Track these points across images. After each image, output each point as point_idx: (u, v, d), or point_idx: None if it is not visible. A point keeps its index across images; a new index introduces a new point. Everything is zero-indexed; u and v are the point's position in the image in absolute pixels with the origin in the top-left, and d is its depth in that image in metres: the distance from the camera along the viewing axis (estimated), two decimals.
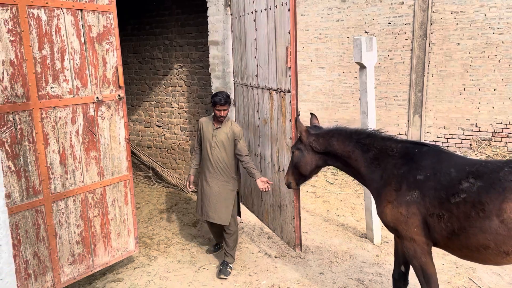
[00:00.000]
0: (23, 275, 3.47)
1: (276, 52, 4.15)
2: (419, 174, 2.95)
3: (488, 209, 2.64)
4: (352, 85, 9.57)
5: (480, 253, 2.76)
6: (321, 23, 9.72)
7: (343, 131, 3.46)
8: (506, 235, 2.60)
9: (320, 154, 3.52)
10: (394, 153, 3.13)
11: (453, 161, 2.93)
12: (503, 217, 2.59)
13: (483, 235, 2.67)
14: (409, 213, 2.94)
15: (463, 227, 2.73)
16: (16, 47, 3.27)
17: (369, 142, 3.27)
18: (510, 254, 2.66)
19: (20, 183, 3.39)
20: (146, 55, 7.13)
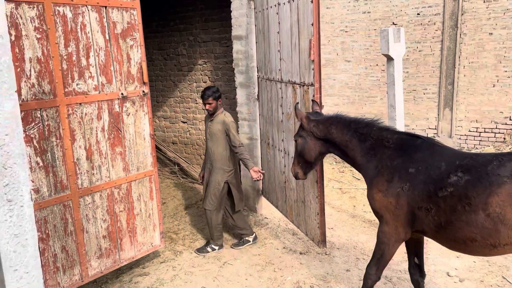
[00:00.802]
0: (51, 269, 3.55)
1: (299, 45, 4.08)
2: (411, 167, 3.00)
3: (474, 203, 2.65)
4: (379, 78, 9.37)
5: (467, 246, 2.80)
6: (347, 15, 9.54)
7: (342, 119, 3.48)
8: (492, 229, 2.62)
9: (322, 140, 3.54)
10: (389, 144, 3.18)
11: (445, 155, 2.96)
12: (489, 211, 2.61)
13: (469, 229, 2.70)
14: (398, 204, 3.02)
15: (450, 220, 2.78)
16: (42, 44, 3.33)
17: (367, 131, 3.30)
18: (497, 247, 2.68)
19: (48, 178, 3.46)
20: (171, 51, 7.17)
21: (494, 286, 4.01)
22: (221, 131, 4.69)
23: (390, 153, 3.15)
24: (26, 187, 1.98)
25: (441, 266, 4.40)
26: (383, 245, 3.19)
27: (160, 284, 4.29)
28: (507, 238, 2.61)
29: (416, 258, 3.43)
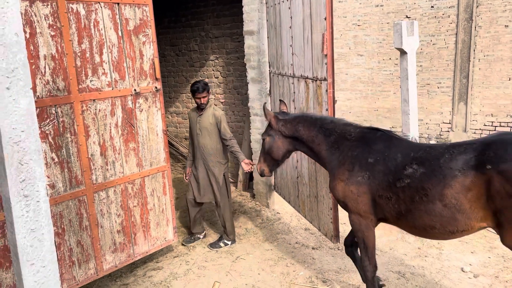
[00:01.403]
0: (67, 263, 3.61)
1: (312, 40, 4.06)
2: (371, 157, 3.15)
3: (431, 194, 2.80)
4: (392, 72, 9.27)
5: (427, 232, 2.97)
6: (359, 9, 9.45)
7: (309, 117, 3.63)
8: (450, 217, 2.78)
9: (289, 138, 3.67)
10: (351, 137, 3.34)
11: (402, 146, 3.10)
12: (445, 202, 2.76)
13: (428, 217, 2.85)
14: (359, 192, 3.17)
15: (409, 209, 2.93)
16: (56, 41, 3.37)
17: (331, 127, 3.46)
18: (456, 233, 2.85)
19: (63, 174, 3.51)
20: (183, 47, 7.19)
21: (509, 281, 3.96)
22: (213, 125, 4.70)
23: (351, 144, 3.30)
24: (42, 183, 2.01)
25: (455, 261, 4.36)
26: (359, 233, 3.34)
27: (174, 278, 4.33)
28: (465, 226, 2.78)
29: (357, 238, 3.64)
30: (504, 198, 2.60)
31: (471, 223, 2.77)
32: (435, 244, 4.65)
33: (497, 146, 2.69)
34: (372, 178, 3.10)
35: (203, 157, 4.79)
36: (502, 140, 2.74)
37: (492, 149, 2.68)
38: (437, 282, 4.00)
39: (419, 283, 4.00)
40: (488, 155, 2.67)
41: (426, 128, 8.99)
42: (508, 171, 2.57)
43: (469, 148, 2.79)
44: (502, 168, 2.59)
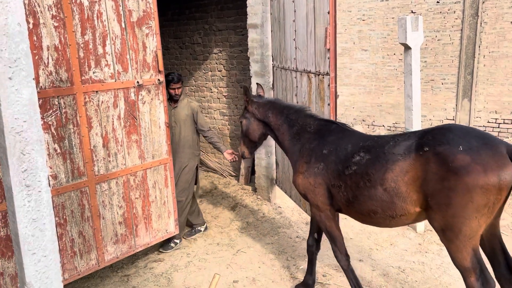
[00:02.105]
0: (69, 253, 3.63)
1: (315, 34, 4.04)
2: (325, 148, 3.28)
3: (373, 179, 2.91)
4: (396, 68, 9.23)
5: (371, 218, 3.07)
6: (364, 3, 9.40)
7: (278, 104, 3.75)
8: (389, 201, 2.87)
9: (262, 122, 3.80)
10: (311, 129, 3.47)
11: (353, 138, 3.24)
12: (386, 186, 2.85)
13: (371, 202, 2.96)
14: (316, 183, 3.29)
15: (355, 195, 3.05)
16: (60, 32, 3.37)
17: (295, 118, 3.59)
18: (395, 217, 2.94)
19: (65, 165, 3.53)
20: (186, 40, 7.18)
21: None
22: (189, 116, 4.73)
23: (309, 137, 3.45)
24: (43, 173, 2.02)
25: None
26: (322, 225, 3.45)
27: (175, 270, 4.36)
28: (402, 210, 2.87)
29: (317, 234, 3.74)
30: (438, 181, 2.65)
31: (406, 207, 2.85)
32: (436, 240, 4.65)
33: (437, 132, 2.79)
34: (326, 169, 3.24)
35: (179, 149, 4.78)
36: (443, 127, 2.85)
37: (432, 134, 2.77)
38: (437, 278, 4.01)
39: (419, 278, 4.01)
40: (427, 138, 2.75)
41: (430, 124, 8.97)
42: (443, 153, 2.63)
43: (413, 135, 2.89)
44: (438, 150, 2.65)
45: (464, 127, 2.83)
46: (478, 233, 2.65)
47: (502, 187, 2.53)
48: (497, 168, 2.51)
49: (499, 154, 2.54)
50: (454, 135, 2.67)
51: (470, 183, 2.53)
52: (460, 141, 2.61)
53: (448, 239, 2.73)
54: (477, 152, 2.55)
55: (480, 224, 2.61)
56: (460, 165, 2.55)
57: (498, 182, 2.51)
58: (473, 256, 2.68)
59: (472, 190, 2.53)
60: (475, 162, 2.53)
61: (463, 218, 2.60)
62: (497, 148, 2.56)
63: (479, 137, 2.63)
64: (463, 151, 2.57)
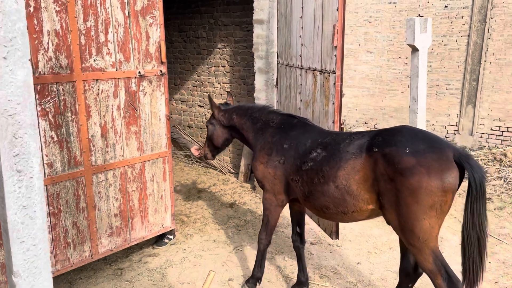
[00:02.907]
0: (62, 244, 3.56)
1: (322, 31, 3.97)
2: (286, 143, 3.40)
3: (327, 175, 3.00)
4: (401, 71, 9.16)
5: (325, 213, 3.17)
6: (372, 5, 9.32)
7: (243, 107, 3.94)
8: (341, 198, 2.96)
9: (227, 128, 3.99)
10: (273, 124, 3.62)
11: (313, 133, 3.33)
12: (337, 183, 2.94)
13: (324, 198, 3.06)
14: (275, 175, 3.42)
15: (310, 191, 3.15)
16: (61, 17, 3.29)
17: (258, 115, 3.75)
18: (347, 213, 3.01)
19: (62, 153, 3.45)
20: (191, 33, 7.10)
21: None
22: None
23: (272, 131, 3.58)
24: (36, 159, 1.95)
25: (455, 265, 4.27)
26: (266, 211, 3.59)
27: (169, 265, 4.28)
28: (353, 207, 2.94)
29: (298, 228, 3.82)
30: (387, 181, 2.71)
31: (358, 204, 2.92)
32: None
33: (387, 133, 2.85)
34: (286, 163, 3.35)
35: None
36: (394, 129, 2.90)
37: (382, 135, 2.84)
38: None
39: (417, 284, 3.93)
40: (377, 139, 2.82)
41: (432, 129, 8.88)
42: (390, 154, 2.69)
43: (367, 134, 2.96)
44: (385, 151, 2.72)
45: (415, 130, 2.87)
46: (432, 235, 2.69)
47: (446, 190, 2.59)
48: (440, 171, 2.58)
49: (444, 157, 2.61)
50: (403, 137, 2.74)
51: (415, 184, 2.60)
52: (407, 144, 2.68)
53: (406, 240, 2.79)
54: (423, 155, 2.62)
55: (432, 226, 2.66)
56: (406, 166, 2.63)
57: (442, 184, 2.58)
58: (435, 258, 2.72)
59: (416, 191, 2.60)
60: (420, 164, 2.60)
61: (412, 219, 2.67)
62: (443, 151, 2.64)
63: (427, 140, 2.70)
64: (409, 153, 2.64)
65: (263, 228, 3.67)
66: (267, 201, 3.58)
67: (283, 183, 3.41)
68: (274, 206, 3.54)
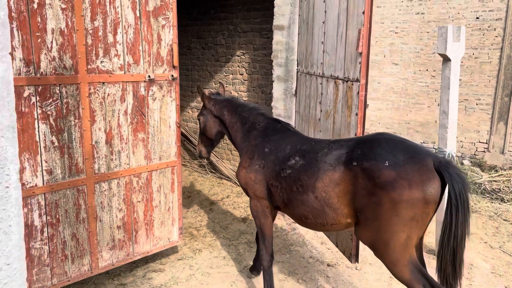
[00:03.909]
0: (59, 256, 3.32)
1: (346, 36, 3.67)
2: (267, 147, 3.36)
3: (305, 185, 2.93)
4: (428, 84, 8.76)
5: (303, 222, 3.11)
6: (398, 15, 8.98)
7: (233, 102, 3.85)
8: (320, 209, 2.89)
9: (218, 119, 3.89)
10: (259, 127, 3.58)
11: (293, 139, 3.29)
12: (316, 194, 2.88)
13: (303, 207, 2.99)
14: (256, 179, 3.35)
15: (289, 198, 3.09)
16: (67, 15, 3.09)
17: (247, 115, 3.70)
18: (326, 225, 2.95)
19: (62, 159, 3.24)
20: (210, 40, 6.90)
21: None
22: None
23: (256, 134, 3.54)
24: (14, 166, 1.70)
25: None
26: (256, 220, 3.51)
27: (175, 283, 4.00)
28: (333, 220, 2.88)
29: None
30: (366, 196, 2.66)
31: (338, 218, 2.86)
32: (465, 275, 4.17)
33: (366, 145, 2.77)
34: (266, 167, 3.30)
35: None
36: (373, 139, 2.81)
37: (361, 147, 2.77)
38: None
39: None
40: (356, 152, 2.75)
41: (460, 146, 8.42)
42: (370, 169, 2.63)
43: (345, 144, 2.88)
44: (365, 166, 2.66)
45: (394, 139, 2.77)
46: (410, 246, 2.63)
47: (428, 201, 2.54)
48: (421, 182, 2.53)
49: (424, 168, 2.55)
50: (382, 149, 2.68)
51: (396, 198, 2.54)
52: (386, 156, 2.63)
53: (379, 253, 2.73)
54: (403, 167, 2.56)
55: (410, 237, 2.61)
56: (386, 180, 2.57)
57: (423, 196, 2.53)
58: (412, 268, 2.65)
59: (397, 204, 2.55)
60: (401, 177, 2.55)
61: (390, 232, 2.62)
62: (423, 161, 2.57)
63: (406, 151, 2.63)
64: (389, 166, 2.59)
65: (261, 243, 3.56)
66: (253, 209, 3.51)
67: (264, 188, 3.34)
68: (260, 213, 3.46)
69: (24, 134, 3.00)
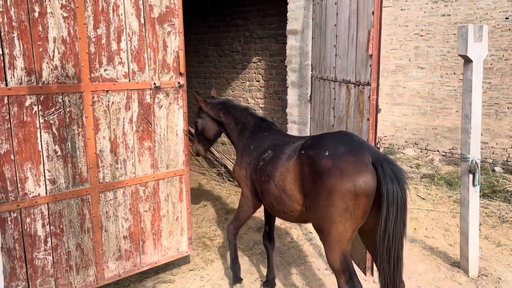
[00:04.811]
0: (64, 267, 3.29)
1: (357, 38, 3.52)
2: (252, 144, 3.61)
3: (270, 175, 3.16)
4: (456, 88, 8.41)
5: (272, 210, 3.32)
6: (423, 18, 8.69)
7: (227, 104, 4.07)
8: (280, 197, 3.11)
9: (216, 121, 4.10)
10: (250, 126, 3.82)
11: (273, 136, 3.53)
12: (276, 182, 3.11)
13: (269, 196, 3.22)
14: (246, 175, 3.59)
15: (261, 188, 3.33)
16: (69, 24, 3.08)
17: (239, 116, 3.93)
18: (287, 213, 3.14)
19: (66, 169, 3.21)
20: (226, 47, 6.85)
21: None
22: None
23: (247, 133, 3.78)
24: None
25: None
26: (240, 209, 3.72)
27: None
28: (290, 207, 3.08)
29: (267, 227, 3.89)
30: (309, 183, 2.80)
31: (293, 204, 3.03)
32: None
33: (317, 137, 2.98)
34: (251, 163, 3.52)
35: None
36: (326, 133, 3.07)
37: (313, 139, 2.98)
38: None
39: None
40: (307, 143, 2.96)
41: (491, 152, 8.01)
42: (312, 157, 2.80)
43: (306, 138, 3.12)
44: (309, 154, 2.84)
45: (346, 135, 2.89)
46: (345, 237, 2.71)
47: (357, 193, 2.60)
48: (353, 173, 2.60)
49: (359, 161, 2.63)
50: (328, 141, 2.83)
51: (329, 187, 2.65)
52: (329, 147, 2.76)
53: (322, 240, 2.87)
54: (339, 158, 2.67)
55: (346, 229, 2.68)
56: (323, 168, 2.70)
57: (353, 187, 2.59)
58: (343, 259, 2.76)
59: (331, 194, 2.65)
60: (335, 167, 2.65)
61: (329, 221, 2.71)
62: (359, 155, 2.66)
63: (349, 145, 2.74)
64: (327, 156, 2.71)
65: (232, 221, 3.82)
66: (241, 201, 3.72)
67: (252, 184, 3.53)
68: (247, 206, 3.65)
69: (26, 143, 2.98)
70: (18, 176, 2.97)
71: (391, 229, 2.56)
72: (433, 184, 7.16)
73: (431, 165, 8.27)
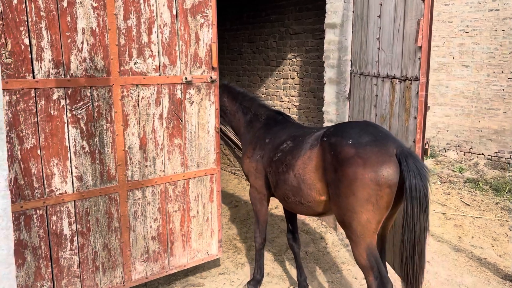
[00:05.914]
0: (90, 267, 3.16)
1: (403, 29, 3.23)
2: (267, 137, 3.56)
3: (289, 164, 3.09)
4: (504, 88, 7.88)
5: (286, 202, 3.26)
6: (469, 13, 8.20)
7: (232, 90, 3.98)
8: (297, 187, 3.04)
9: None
10: (262, 119, 3.79)
11: (291, 128, 3.46)
12: (295, 172, 3.03)
13: (285, 186, 3.16)
14: (257, 169, 3.55)
15: (276, 180, 3.26)
16: (98, 14, 2.95)
17: (249, 105, 3.88)
18: (304, 204, 3.07)
19: (93, 166, 3.08)
20: (260, 44, 6.65)
21: None
22: None
23: (259, 126, 3.75)
24: (1, 171, 1.51)
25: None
26: (253, 206, 3.71)
27: None
28: (308, 197, 3.01)
29: (290, 225, 3.81)
30: (332, 171, 2.74)
31: (312, 194, 2.97)
32: None
33: (339, 126, 2.94)
34: (265, 156, 3.47)
35: None
36: (350, 122, 3.02)
37: (336, 127, 2.95)
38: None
39: None
40: (329, 130, 2.93)
41: None
42: (334, 144, 2.75)
43: (329, 127, 3.05)
44: (332, 141, 2.79)
45: (371, 125, 2.82)
46: (369, 230, 2.64)
47: (380, 183, 2.54)
48: (376, 163, 2.55)
49: (383, 151, 2.58)
50: (352, 129, 2.78)
51: (351, 175, 2.60)
52: (353, 135, 2.71)
53: (347, 235, 2.78)
54: (363, 147, 2.62)
55: (369, 220, 2.61)
56: (345, 157, 2.65)
57: (376, 177, 2.54)
58: (369, 253, 2.67)
59: (353, 182, 2.60)
60: (358, 155, 2.60)
61: (350, 211, 2.65)
62: (384, 145, 2.61)
63: (374, 135, 2.68)
64: (350, 144, 2.66)
65: (255, 226, 3.77)
66: (252, 196, 3.68)
67: (263, 176, 3.51)
68: (258, 199, 3.63)
69: (53, 138, 2.87)
70: (45, 172, 2.87)
71: (416, 223, 2.53)
72: (477, 189, 6.70)
73: (475, 169, 7.78)
